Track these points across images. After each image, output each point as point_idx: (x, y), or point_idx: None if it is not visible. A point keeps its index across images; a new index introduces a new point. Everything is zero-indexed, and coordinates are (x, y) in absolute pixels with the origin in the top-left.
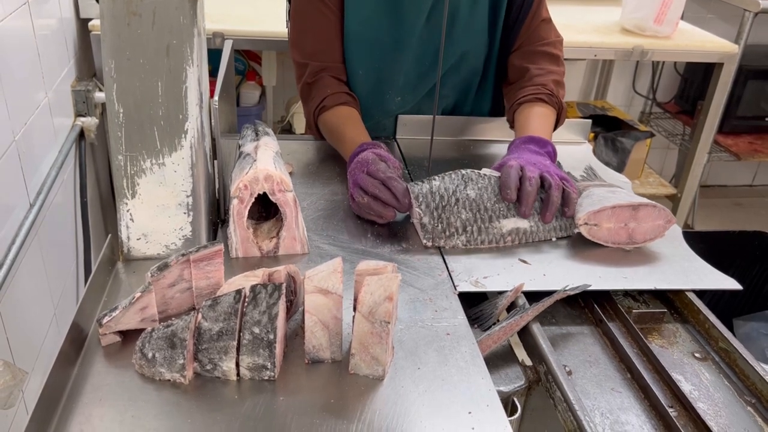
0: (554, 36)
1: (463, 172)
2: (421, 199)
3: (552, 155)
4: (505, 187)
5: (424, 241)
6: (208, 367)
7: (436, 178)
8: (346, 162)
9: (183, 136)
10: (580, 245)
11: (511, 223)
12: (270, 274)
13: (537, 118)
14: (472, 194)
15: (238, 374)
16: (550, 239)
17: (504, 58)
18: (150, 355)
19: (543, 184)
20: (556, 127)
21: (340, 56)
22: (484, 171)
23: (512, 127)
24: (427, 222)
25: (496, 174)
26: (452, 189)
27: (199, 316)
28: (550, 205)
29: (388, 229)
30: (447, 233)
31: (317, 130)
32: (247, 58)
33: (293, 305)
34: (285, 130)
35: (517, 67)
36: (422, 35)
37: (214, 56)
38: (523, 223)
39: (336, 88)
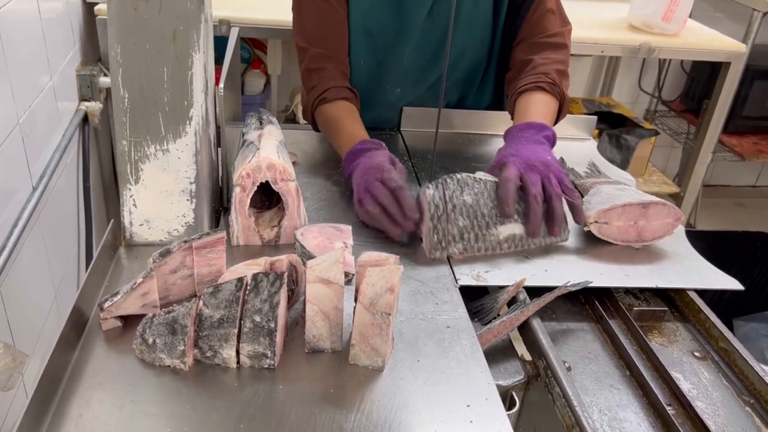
0: (560, 26)
1: (459, 176)
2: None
3: (551, 140)
4: (503, 203)
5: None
6: (208, 354)
7: (430, 186)
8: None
9: (188, 122)
10: (583, 242)
11: (507, 230)
12: (272, 263)
13: (536, 105)
14: (469, 200)
15: (238, 362)
16: (543, 245)
17: (506, 51)
18: (151, 340)
19: (543, 193)
20: (558, 118)
21: (345, 47)
22: (479, 175)
23: (513, 118)
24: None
25: (492, 178)
26: (449, 195)
27: (201, 303)
28: (556, 219)
29: None
30: (443, 243)
31: (312, 119)
32: (252, 46)
33: (294, 295)
34: (289, 119)
35: (521, 60)
36: (424, 28)
37: (219, 43)
38: (520, 229)
39: (339, 81)
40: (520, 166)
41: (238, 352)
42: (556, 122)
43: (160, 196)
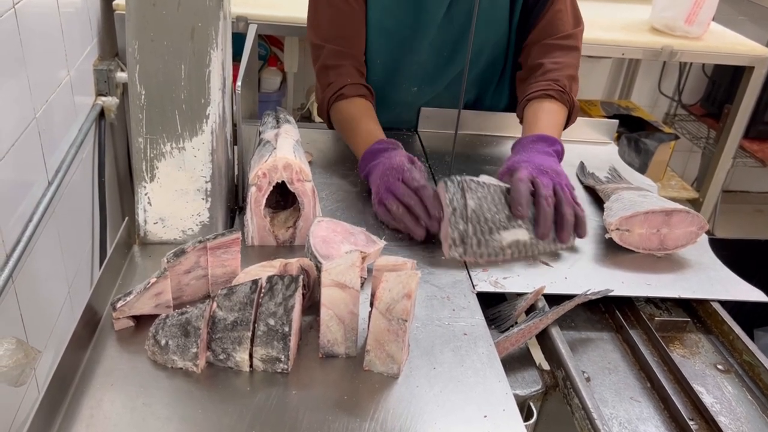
0: (572, 27)
1: (458, 179)
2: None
3: (560, 154)
4: (517, 203)
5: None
6: (221, 357)
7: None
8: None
9: (204, 120)
10: (603, 249)
11: (512, 235)
12: (285, 265)
13: (546, 115)
14: (471, 204)
15: (251, 365)
16: (549, 252)
17: (520, 51)
18: (163, 342)
19: (555, 197)
20: (567, 125)
21: (361, 46)
22: (483, 178)
23: (522, 124)
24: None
25: (495, 182)
26: (448, 198)
27: (214, 304)
28: (565, 225)
29: None
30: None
31: (327, 116)
32: (269, 43)
33: (305, 300)
34: (304, 117)
35: (532, 62)
36: (442, 26)
37: (235, 40)
38: (524, 235)
39: (356, 78)
40: (532, 171)
41: (251, 356)
42: (565, 127)
43: (175, 194)
